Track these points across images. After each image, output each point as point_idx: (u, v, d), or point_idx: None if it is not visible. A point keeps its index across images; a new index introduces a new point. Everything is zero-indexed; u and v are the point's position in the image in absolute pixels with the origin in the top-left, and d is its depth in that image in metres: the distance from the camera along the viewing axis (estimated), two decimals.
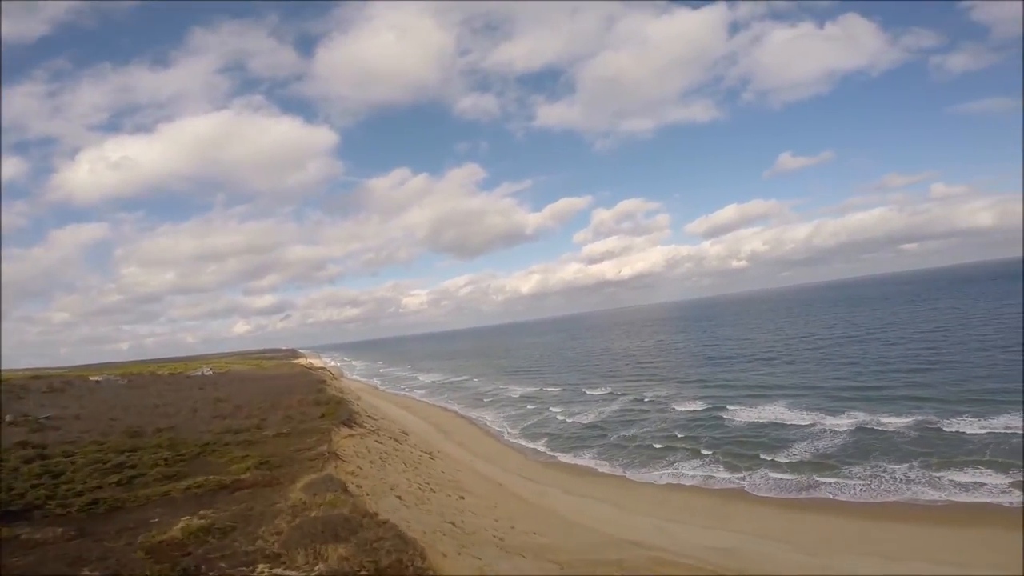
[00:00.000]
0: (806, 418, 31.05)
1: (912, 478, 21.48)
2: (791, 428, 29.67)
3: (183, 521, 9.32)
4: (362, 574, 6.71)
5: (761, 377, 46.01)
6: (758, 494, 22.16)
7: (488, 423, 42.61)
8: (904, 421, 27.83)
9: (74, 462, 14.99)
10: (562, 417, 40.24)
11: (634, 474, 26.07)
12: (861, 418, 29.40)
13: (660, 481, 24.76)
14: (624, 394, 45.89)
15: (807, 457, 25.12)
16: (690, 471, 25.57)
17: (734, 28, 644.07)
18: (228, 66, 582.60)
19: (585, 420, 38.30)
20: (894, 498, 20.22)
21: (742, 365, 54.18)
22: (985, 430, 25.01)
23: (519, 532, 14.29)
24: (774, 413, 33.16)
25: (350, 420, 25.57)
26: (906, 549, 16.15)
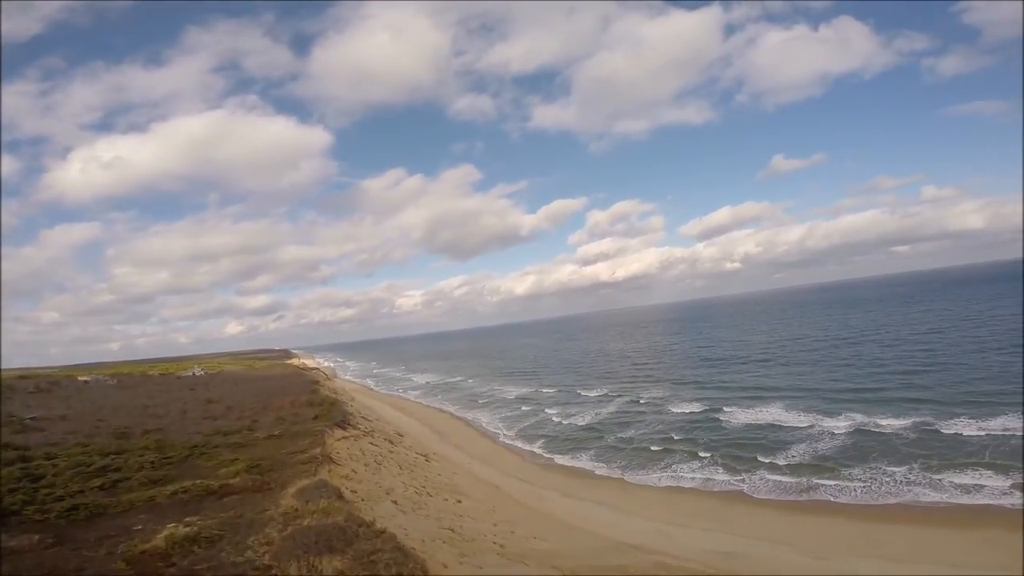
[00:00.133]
0: (803, 420, 30.91)
1: (912, 480, 21.39)
2: (789, 430, 29.52)
3: (168, 529, 8.82)
4: None
5: (757, 379, 45.90)
6: (758, 496, 21.97)
7: (484, 424, 42.18)
8: (902, 423, 27.76)
9: (56, 465, 14.41)
10: (558, 419, 39.90)
11: (632, 476, 25.78)
12: (859, 420, 29.29)
13: (659, 484, 24.48)
14: (620, 396, 45.62)
15: (806, 459, 24.97)
16: (689, 473, 25.32)
17: (729, 30, 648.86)
18: (222, 65, 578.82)
19: (581, 422, 37.97)
20: (895, 500, 20.12)
21: (737, 367, 54.09)
22: (983, 432, 24.96)
23: (519, 537, 13.91)
24: (771, 415, 33.00)
25: (344, 422, 25.07)
26: (910, 551, 16.06)
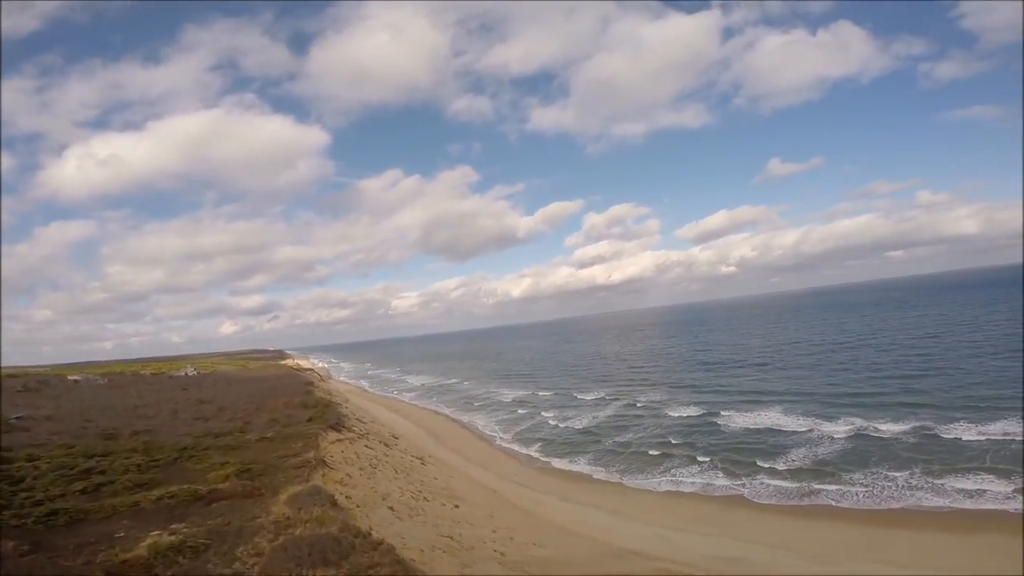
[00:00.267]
0: (802, 424, 30.72)
1: (914, 484, 21.26)
2: (788, 434, 29.33)
3: (151, 537, 8.34)
4: None
5: (754, 383, 45.73)
6: (759, 501, 21.75)
7: (480, 427, 41.76)
8: (901, 427, 27.65)
9: (38, 467, 13.87)
10: (555, 422, 39.55)
11: (631, 481, 25.45)
12: (858, 424, 29.13)
13: (659, 488, 24.16)
14: (617, 399, 45.33)
15: (806, 464, 24.78)
16: (688, 478, 25.04)
17: (728, 33, 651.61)
18: (220, 64, 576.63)
19: (578, 425, 37.64)
20: (898, 505, 19.99)
21: (734, 370, 53.94)
22: (984, 436, 24.88)
23: (519, 544, 13.51)
24: (769, 419, 32.79)
25: (338, 424, 24.58)
26: (913, 556, 15.97)
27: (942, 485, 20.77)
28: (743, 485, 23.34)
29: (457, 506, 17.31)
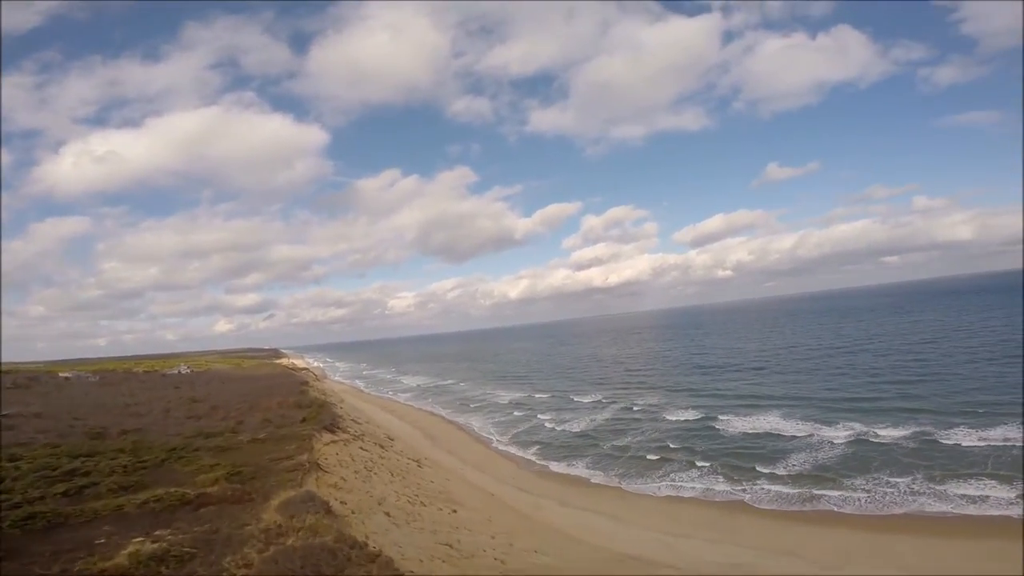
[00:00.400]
0: (801, 429, 30.49)
1: (916, 490, 21.09)
2: (787, 439, 29.09)
3: (133, 544, 7.87)
4: None
5: (752, 387, 45.53)
6: (760, 506, 21.50)
7: (476, 429, 41.32)
8: (901, 432, 27.50)
9: (19, 468, 13.33)
10: (552, 425, 39.17)
11: (630, 485, 25.09)
12: (857, 429, 28.94)
13: (659, 493, 23.83)
14: (614, 402, 45.02)
15: (806, 469, 24.55)
16: (688, 483, 24.72)
17: (728, 37, 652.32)
18: (220, 62, 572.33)
19: (576, 428, 37.28)
20: (901, 510, 19.79)
21: (732, 374, 53.73)
22: (984, 442, 24.73)
23: (519, 550, 13.11)
24: (768, 423, 32.54)
25: (333, 425, 24.10)
26: (917, 561, 15.77)
27: (944, 490, 20.60)
28: (744, 490, 23.06)
29: (455, 511, 16.88)
